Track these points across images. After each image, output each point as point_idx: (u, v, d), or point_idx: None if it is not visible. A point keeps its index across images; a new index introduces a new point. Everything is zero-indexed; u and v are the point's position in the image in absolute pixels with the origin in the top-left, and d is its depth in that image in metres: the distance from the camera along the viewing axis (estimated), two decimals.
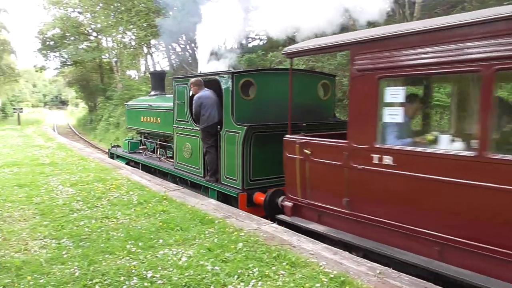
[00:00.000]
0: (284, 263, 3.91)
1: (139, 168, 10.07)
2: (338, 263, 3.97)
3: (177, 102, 8.10)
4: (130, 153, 11.03)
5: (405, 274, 3.71)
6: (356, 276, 3.64)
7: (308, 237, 4.75)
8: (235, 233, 4.78)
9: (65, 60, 36.74)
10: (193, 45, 20.26)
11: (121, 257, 4.16)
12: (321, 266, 3.86)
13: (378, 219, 4.31)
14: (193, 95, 7.32)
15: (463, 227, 3.63)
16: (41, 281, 3.65)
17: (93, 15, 30.17)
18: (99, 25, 30.20)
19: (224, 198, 6.84)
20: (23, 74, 58.37)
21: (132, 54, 27.86)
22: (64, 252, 4.30)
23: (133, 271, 3.81)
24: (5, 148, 14.14)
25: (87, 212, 5.83)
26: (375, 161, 4.25)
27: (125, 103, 14.08)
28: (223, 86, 6.63)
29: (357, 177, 4.46)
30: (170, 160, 9.22)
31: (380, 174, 4.21)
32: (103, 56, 34.76)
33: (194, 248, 4.39)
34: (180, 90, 7.98)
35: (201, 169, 7.45)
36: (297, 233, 4.88)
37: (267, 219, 5.65)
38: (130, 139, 11.92)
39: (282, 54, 6.15)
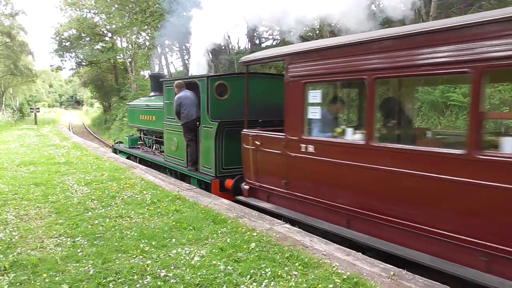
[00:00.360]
0: (297, 264, 3.90)
1: (137, 162, 11.23)
2: (351, 264, 3.94)
3: (166, 102, 9.09)
4: (130, 148, 12.27)
5: (419, 276, 3.66)
6: (370, 278, 3.61)
7: (320, 238, 4.73)
8: (248, 233, 4.78)
9: (80, 60, 37.27)
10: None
11: (134, 256, 4.19)
12: (334, 267, 3.83)
13: (306, 196, 5.41)
14: None
15: (362, 200, 4.62)
16: (57, 278, 3.70)
17: (108, 16, 30.49)
18: (114, 26, 30.51)
19: (205, 185, 7.76)
20: (40, 75, 59.27)
21: (146, 55, 28.09)
22: (79, 250, 4.35)
23: (146, 269, 3.83)
24: (22, 147, 14.39)
25: (101, 211, 5.90)
26: (303, 149, 5.34)
27: (127, 103, 14.99)
28: (201, 88, 7.66)
29: (291, 163, 5.58)
30: (162, 154, 10.11)
31: (306, 160, 5.32)
32: (117, 57, 35.11)
33: (206, 247, 4.41)
34: (168, 91, 8.95)
35: (185, 160, 8.40)
36: (309, 234, 4.87)
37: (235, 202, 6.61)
38: (131, 136, 13.15)
39: (239, 62, 7.35)
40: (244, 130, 6.55)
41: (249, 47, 21.39)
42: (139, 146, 12.00)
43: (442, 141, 5.21)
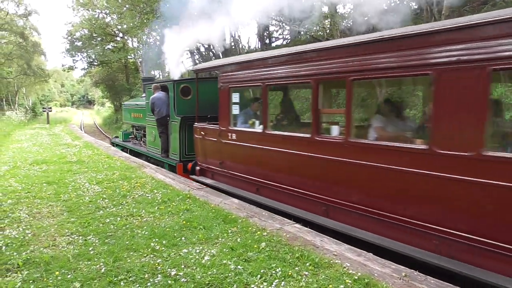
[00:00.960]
0: (307, 264, 3.88)
1: (127, 152, 13.16)
2: (362, 264, 3.91)
3: (147, 101, 10.91)
4: (123, 141, 14.39)
5: (431, 277, 3.62)
6: (381, 279, 3.58)
7: (331, 238, 4.70)
8: (258, 232, 4.77)
9: (92, 60, 37.56)
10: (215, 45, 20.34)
11: (145, 255, 4.22)
12: (345, 267, 3.81)
13: (234, 172, 7.21)
14: None
15: (264, 173, 6.39)
16: (69, 276, 3.73)
17: (119, 16, 30.67)
18: (125, 26, 30.68)
19: (172, 168, 9.51)
20: (52, 74, 59.89)
21: (155, 55, 28.19)
22: (90, 249, 4.39)
23: (157, 268, 3.85)
24: (35, 146, 14.55)
25: (112, 209, 5.94)
26: (230, 137, 7.13)
27: (122, 102, 16.35)
28: (169, 90, 9.63)
29: (223, 148, 7.36)
30: None
31: (231, 145, 7.11)
32: (128, 57, 35.31)
33: (217, 247, 4.41)
34: (149, 92, 10.74)
35: (159, 149, 10.36)
36: (320, 234, 4.84)
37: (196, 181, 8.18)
38: (125, 131, 15.44)
39: (191, 70, 9.68)
40: (195, 123, 8.38)
41: (259, 47, 21.37)
42: (130, 140, 14.24)
43: (305, 129, 6.30)
